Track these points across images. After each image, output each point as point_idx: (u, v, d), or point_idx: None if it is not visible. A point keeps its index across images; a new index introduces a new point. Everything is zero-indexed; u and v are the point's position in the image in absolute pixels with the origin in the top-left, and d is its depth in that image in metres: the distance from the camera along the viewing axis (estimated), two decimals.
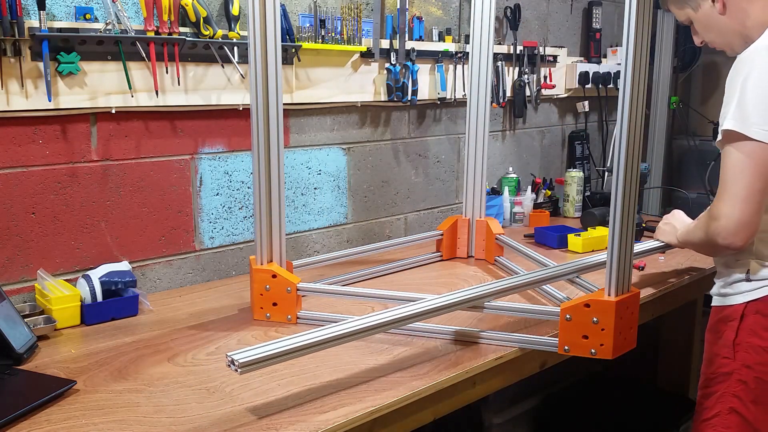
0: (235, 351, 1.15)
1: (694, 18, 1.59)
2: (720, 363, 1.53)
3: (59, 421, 1.15)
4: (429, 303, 1.40)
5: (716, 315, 1.58)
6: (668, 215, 1.87)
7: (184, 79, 1.78)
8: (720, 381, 1.52)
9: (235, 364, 1.13)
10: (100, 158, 1.70)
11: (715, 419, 1.52)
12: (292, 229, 2.10)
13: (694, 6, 1.57)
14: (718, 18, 1.53)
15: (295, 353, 1.21)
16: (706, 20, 1.56)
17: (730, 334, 1.51)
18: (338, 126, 2.17)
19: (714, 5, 1.52)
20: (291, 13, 1.99)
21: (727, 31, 1.54)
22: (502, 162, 2.76)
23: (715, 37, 1.58)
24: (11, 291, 1.59)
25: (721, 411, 1.51)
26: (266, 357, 1.17)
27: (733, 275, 1.54)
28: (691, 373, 2.35)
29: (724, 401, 1.51)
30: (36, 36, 1.51)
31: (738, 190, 1.37)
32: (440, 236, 2.15)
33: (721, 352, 1.52)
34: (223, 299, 1.76)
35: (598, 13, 3.03)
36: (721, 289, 1.57)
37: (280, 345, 1.19)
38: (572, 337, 1.43)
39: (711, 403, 1.54)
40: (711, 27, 1.56)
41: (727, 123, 1.38)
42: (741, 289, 1.51)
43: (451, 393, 1.35)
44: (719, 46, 1.59)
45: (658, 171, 3.14)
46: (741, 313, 1.50)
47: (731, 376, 1.50)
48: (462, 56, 2.40)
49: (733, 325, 1.51)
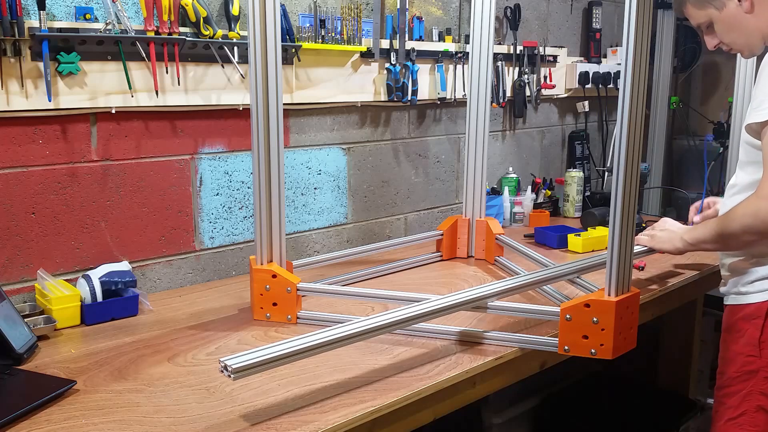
0: (228, 356, 1.15)
1: (716, 18, 1.55)
2: (744, 361, 1.52)
3: (59, 421, 1.15)
4: (432, 304, 1.39)
5: (735, 314, 1.56)
6: (658, 223, 1.83)
7: (184, 79, 1.78)
8: (745, 379, 1.52)
9: (229, 369, 1.12)
10: (100, 158, 1.70)
11: (742, 418, 1.51)
12: (292, 229, 2.10)
13: (719, 5, 1.54)
14: (743, 17, 1.51)
15: (287, 358, 1.19)
16: (730, 20, 1.53)
17: (755, 332, 1.50)
18: (338, 126, 2.17)
19: (741, 4, 1.51)
20: (291, 13, 1.99)
21: (751, 31, 1.52)
22: (502, 162, 2.76)
23: (737, 38, 1.56)
24: (11, 291, 1.59)
25: (748, 409, 1.51)
26: (259, 363, 1.15)
27: (753, 273, 1.53)
28: (691, 373, 2.35)
29: (751, 400, 1.50)
30: (36, 36, 1.51)
31: None
32: (440, 236, 2.15)
33: (745, 351, 1.52)
34: (223, 299, 1.76)
35: (598, 13, 3.03)
36: (740, 288, 1.56)
37: (273, 350, 1.18)
38: (572, 337, 1.43)
39: (735, 402, 1.53)
40: (735, 27, 1.54)
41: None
42: (763, 287, 1.50)
43: (451, 393, 1.35)
44: (738, 47, 1.57)
45: (658, 171, 3.14)
46: (766, 311, 1.49)
47: (757, 374, 1.49)
48: (462, 56, 2.40)
49: (757, 323, 1.50)
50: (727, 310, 1.59)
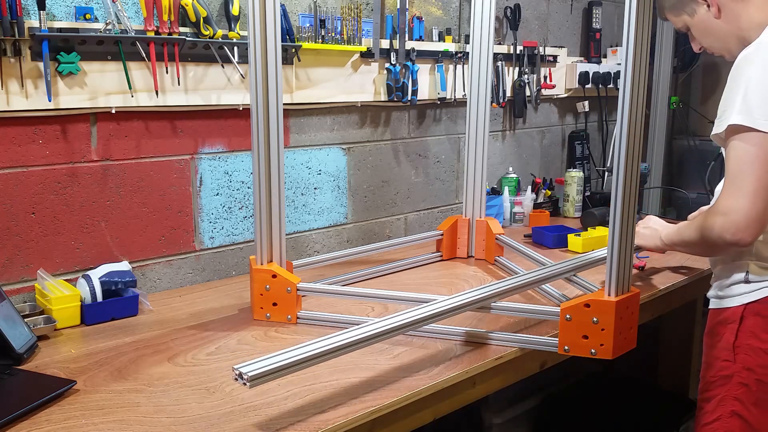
0: (241, 364, 1.12)
1: (691, 24, 1.59)
2: (720, 366, 1.51)
3: (59, 421, 1.15)
4: (438, 306, 1.39)
5: (714, 318, 1.57)
6: (643, 221, 1.84)
7: (184, 79, 1.78)
8: (720, 384, 1.51)
9: (244, 377, 1.09)
10: (100, 158, 1.70)
11: (717, 423, 1.51)
12: (292, 229, 2.10)
13: (690, 12, 1.57)
14: (714, 22, 1.54)
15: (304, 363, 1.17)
16: (703, 25, 1.57)
17: (730, 336, 1.50)
18: (338, 126, 2.17)
19: (709, 10, 1.53)
20: (291, 13, 1.99)
21: (724, 35, 1.54)
22: (502, 162, 2.76)
23: (713, 42, 1.58)
24: (11, 291, 1.59)
25: (723, 414, 1.50)
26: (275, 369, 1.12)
27: (731, 277, 1.52)
28: (691, 373, 2.35)
29: (726, 405, 1.49)
30: (36, 36, 1.51)
31: (747, 184, 1.33)
32: (440, 236, 2.15)
33: (721, 355, 1.51)
34: (223, 299, 1.76)
35: (598, 13, 3.03)
36: (718, 292, 1.56)
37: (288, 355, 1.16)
38: (572, 337, 1.43)
39: (711, 407, 1.53)
40: (708, 32, 1.57)
41: (734, 117, 1.36)
42: (739, 291, 1.50)
43: (451, 393, 1.35)
44: (717, 50, 1.59)
45: (658, 171, 3.14)
46: (740, 316, 1.49)
47: (732, 379, 1.49)
48: (462, 56, 2.40)
49: (733, 327, 1.49)
50: (709, 314, 1.60)
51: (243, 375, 1.10)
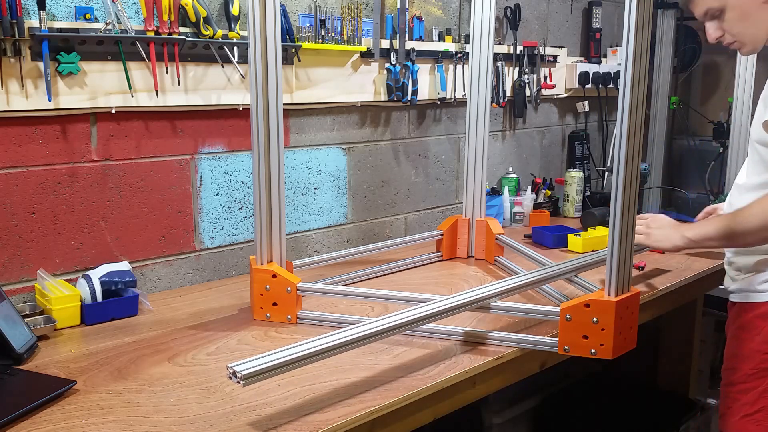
0: (235, 362, 1.12)
1: (731, 5, 1.49)
2: (762, 359, 1.52)
3: (59, 421, 1.15)
4: (438, 305, 1.39)
5: (750, 311, 1.56)
6: (647, 220, 1.76)
7: (184, 79, 1.78)
8: (762, 376, 1.52)
9: (238, 375, 1.10)
10: (100, 158, 1.70)
11: (759, 414, 1.53)
12: (292, 229, 2.10)
13: None
14: (759, 7, 1.46)
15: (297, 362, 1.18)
16: (746, 8, 1.48)
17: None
18: (338, 126, 2.17)
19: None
20: (291, 13, 1.99)
21: (762, 23, 1.48)
22: (502, 162, 2.76)
23: (746, 29, 1.50)
24: (11, 291, 1.59)
25: (765, 405, 1.52)
26: (268, 368, 1.13)
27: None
28: (691, 373, 2.35)
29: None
30: (36, 36, 1.51)
31: None
32: (440, 236, 2.15)
33: (762, 348, 1.52)
34: (223, 299, 1.76)
35: (598, 13, 3.03)
36: (756, 286, 1.55)
37: (282, 354, 1.16)
38: (572, 337, 1.43)
39: (751, 398, 1.54)
40: (746, 16, 1.49)
41: None
42: None
43: (451, 393, 1.35)
44: (742, 40, 1.52)
45: (658, 171, 3.14)
46: None
47: None
48: (462, 56, 2.40)
49: None
50: (738, 307, 1.59)
51: (237, 373, 1.10)
